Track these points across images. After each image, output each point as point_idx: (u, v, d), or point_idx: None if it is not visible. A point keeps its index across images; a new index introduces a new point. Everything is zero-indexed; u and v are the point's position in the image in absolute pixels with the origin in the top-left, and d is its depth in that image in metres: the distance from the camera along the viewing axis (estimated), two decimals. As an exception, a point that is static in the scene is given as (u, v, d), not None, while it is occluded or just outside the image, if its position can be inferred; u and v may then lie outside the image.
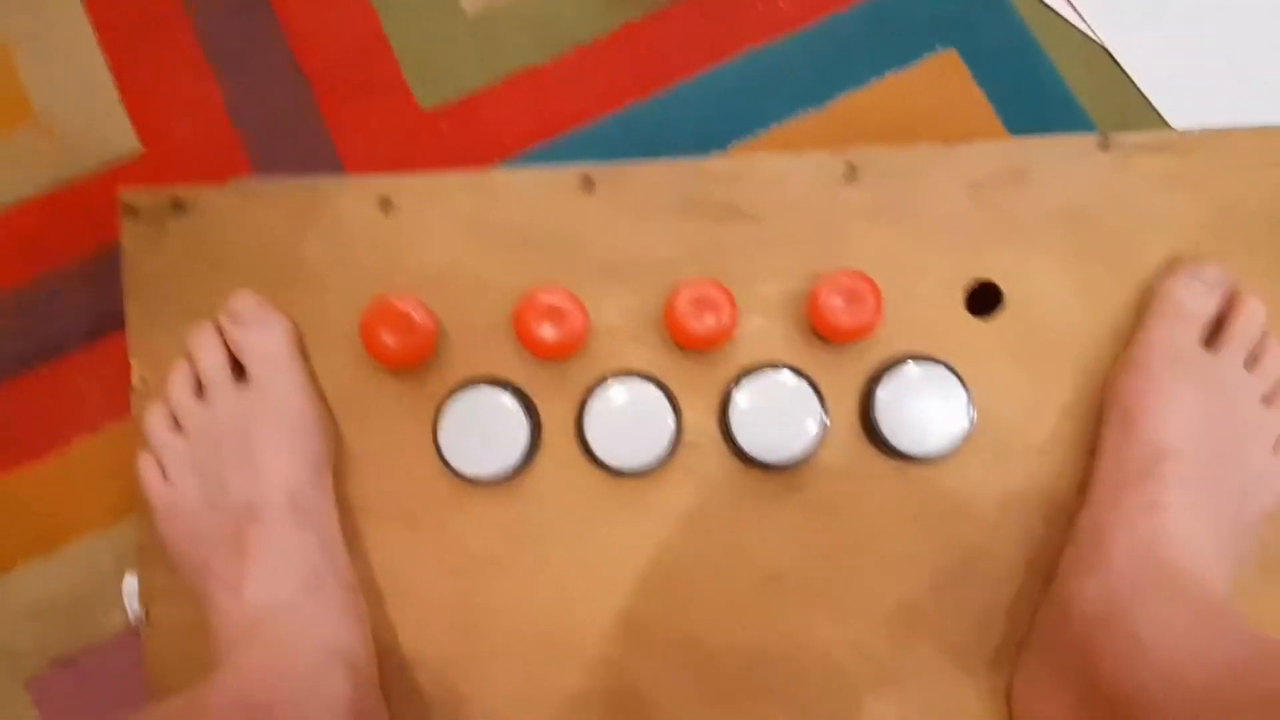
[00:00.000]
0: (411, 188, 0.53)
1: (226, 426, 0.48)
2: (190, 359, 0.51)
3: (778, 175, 0.53)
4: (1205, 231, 0.52)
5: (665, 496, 0.52)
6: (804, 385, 0.51)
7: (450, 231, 0.53)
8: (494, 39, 0.64)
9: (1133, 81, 0.63)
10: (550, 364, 0.52)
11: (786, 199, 0.53)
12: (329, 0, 0.65)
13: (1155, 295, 0.51)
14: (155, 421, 0.50)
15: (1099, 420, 0.51)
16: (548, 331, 0.50)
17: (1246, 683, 0.38)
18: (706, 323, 0.50)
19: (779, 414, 0.51)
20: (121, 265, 0.53)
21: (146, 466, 0.50)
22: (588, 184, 0.53)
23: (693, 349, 0.52)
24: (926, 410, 0.51)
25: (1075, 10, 0.64)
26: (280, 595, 0.45)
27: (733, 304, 0.50)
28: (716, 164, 0.53)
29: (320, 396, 0.52)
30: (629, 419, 0.51)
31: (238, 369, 0.51)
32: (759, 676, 0.52)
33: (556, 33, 0.64)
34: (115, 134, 0.62)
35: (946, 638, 0.52)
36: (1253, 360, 0.50)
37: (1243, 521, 0.48)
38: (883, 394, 0.51)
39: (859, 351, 0.52)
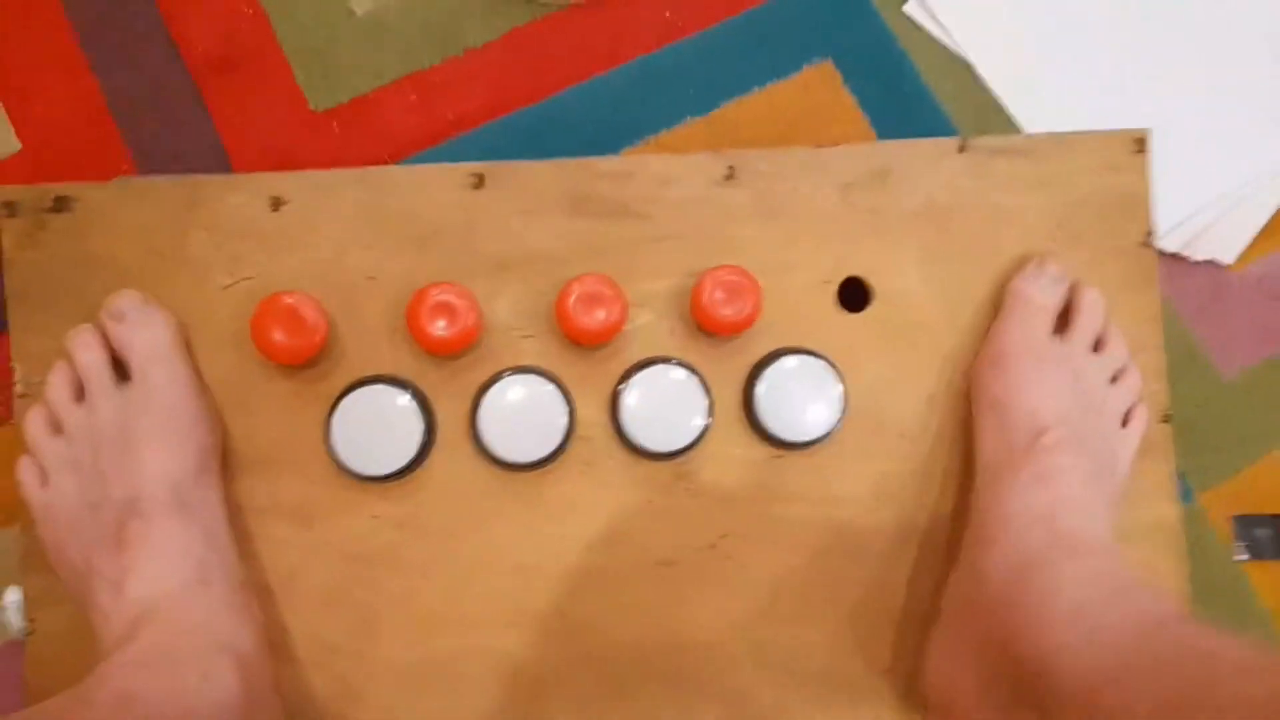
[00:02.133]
0: (301, 185, 0.53)
1: (107, 425, 0.48)
2: (69, 359, 0.50)
3: (663, 175, 0.55)
4: (1054, 228, 0.56)
5: (559, 489, 0.54)
6: (690, 378, 0.54)
7: (341, 228, 0.53)
8: (384, 41, 0.65)
9: (990, 90, 0.67)
10: (444, 360, 0.53)
11: (672, 198, 0.55)
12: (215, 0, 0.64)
13: (1007, 292, 0.55)
14: (34, 424, 0.49)
15: (968, 410, 0.55)
16: (440, 328, 0.51)
17: (1161, 644, 0.40)
18: (597, 318, 0.52)
19: (666, 406, 0.53)
20: (2, 265, 0.52)
21: (25, 471, 0.49)
22: (478, 181, 0.54)
23: (584, 344, 0.54)
24: (803, 400, 0.54)
25: (940, 25, 0.68)
26: (164, 589, 0.45)
27: (622, 300, 0.53)
28: (605, 163, 0.55)
29: (206, 392, 0.52)
30: (522, 413, 0.52)
31: (120, 367, 0.50)
32: (654, 662, 0.54)
33: (446, 36, 0.65)
34: (-12, 131, 0.61)
35: (832, 617, 0.54)
36: (1098, 345, 0.54)
37: (1110, 491, 0.52)
38: (762, 385, 0.54)
39: (741, 344, 0.55)
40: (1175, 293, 0.66)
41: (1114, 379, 0.55)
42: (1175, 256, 0.66)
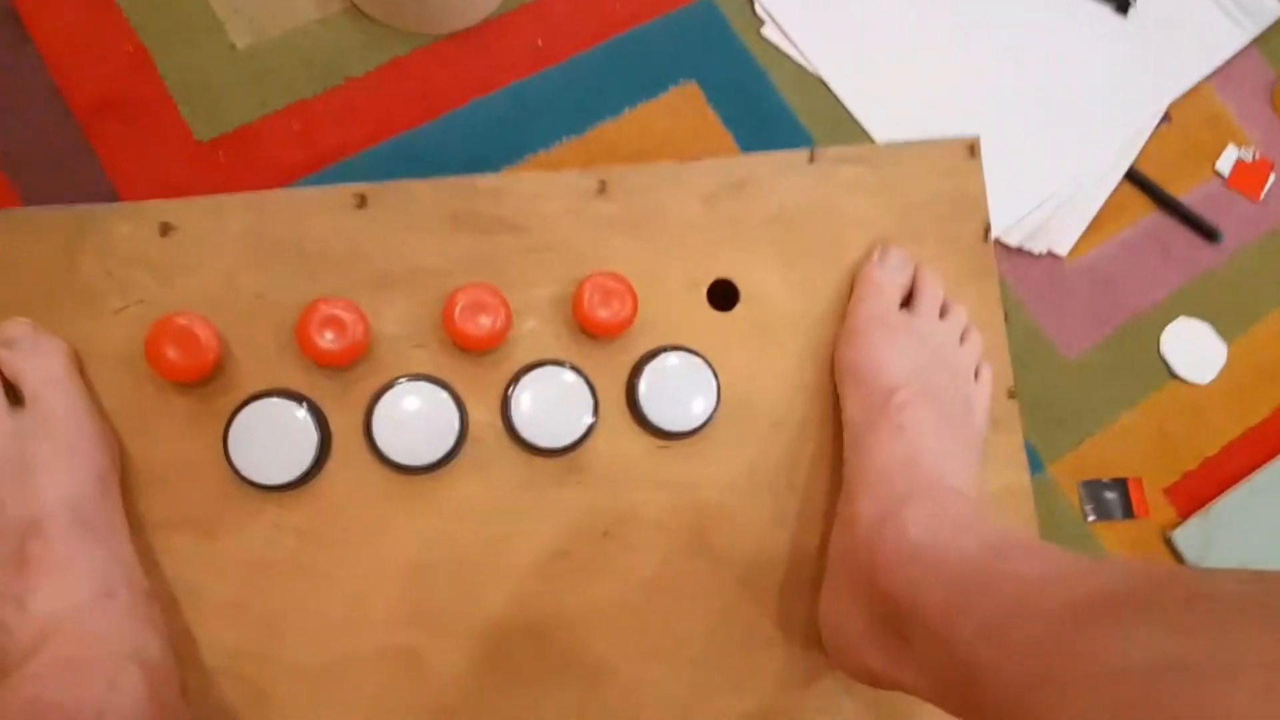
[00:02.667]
0: (188, 211, 0.55)
1: (2, 450, 0.49)
2: None
3: (539, 191, 0.59)
4: (893, 226, 0.62)
5: (454, 490, 0.56)
6: (576, 377, 0.57)
7: (230, 252, 0.55)
8: (266, 72, 0.67)
9: (843, 104, 0.73)
10: (336, 373, 0.56)
11: (548, 212, 0.59)
12: (93, 36, 0.66)
13: (857, 279, 0.60)
14: None
15: (831, 395, 0.60)
16: (329, 340, 0.53)
17: (990, 568, 0.45)
18: (482, 325, 0.55)
19: (555, 405, 0.57)
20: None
21: None
22: (361, 201, 0.57)
23: (473, 350, 0.57)
24: (682, 393, 0.58)
25: (795, 46, 0.74)
26: (69, 603, 0.46)
27: (506, 307, 0.56)
28: (483, 181, 0.59)
29: (101, 414, 0.53)
30: (415, 418, 0.55)
31: (12, 393, 0.51)
32: (553, 651, 0.56)
33: (327, 66, 0.68)
34: None
35: (718, 595, 0.58)
36: (942, 313, 0.60)
37: (968, 437, 0.58)
38: (643, 381, 0.58)
39: (622, 345, 0.59)
40: (1019, 283, 0.72)
41: (960, 340, 0.60)
42: (1018, 250, 0.73)
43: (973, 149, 0.64)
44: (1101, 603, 0.36)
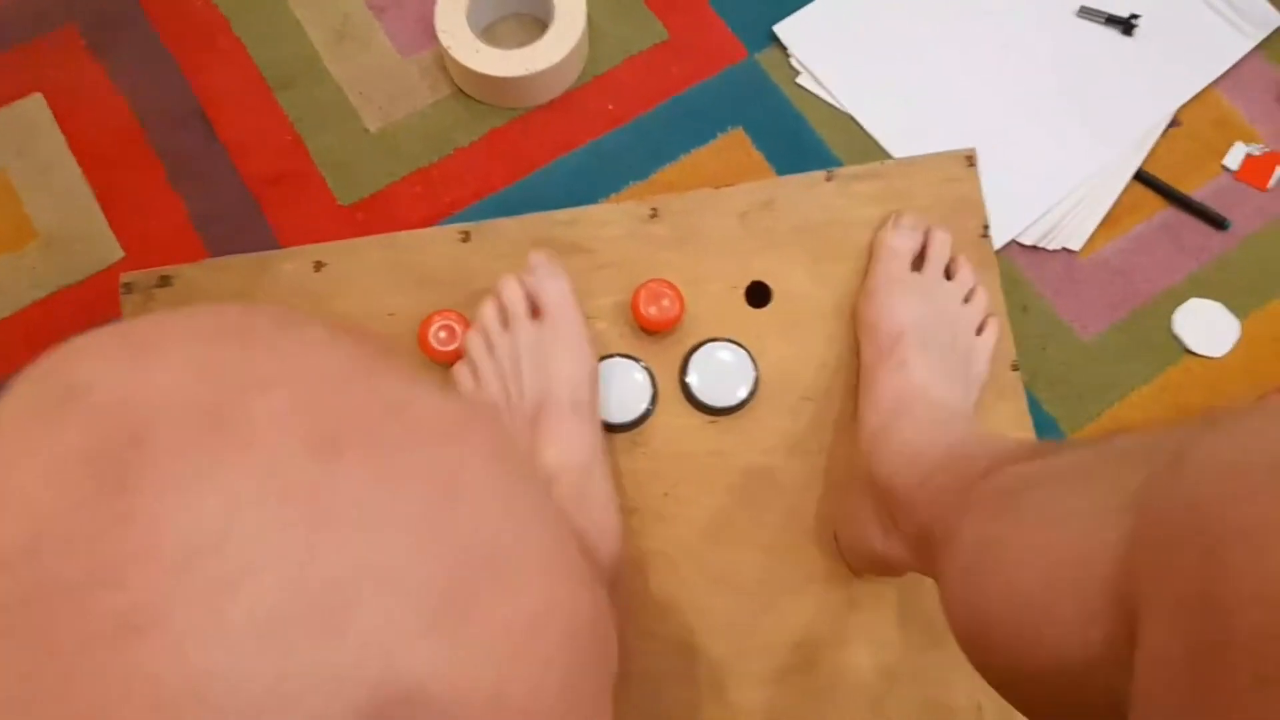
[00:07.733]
0: (335, 251, 0.72)
1: (525, 347, 0.65)
2: (497, 297, 0.67)
3: (603, 219, 0.73)
4: (900, 229, 0.73)
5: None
6: (638, 367, 0.71)
7: (366, 280, 0.72)
8: (393, 148, 0.84)
9: (870, 135, 0.85)
10: (445, 367, 0.71)
11: (610, 236, 0.73)
12: (262, 129, 0.85)
13: (874, 244, 0.71)
14: (474, 341, 0.67)
15: (852, 373, 0.71)
16: (442, 342, 0.68)
17: (949, 454, 0.55)
18: (559, 326, 0.69)
19: (621, 390, 0.70)
20: (122, 329, 0.71)
21: (461, 372, 0.66)
22: (465, 236, 0.72)
23: (552, 348, 0.71)
24: (726, 376, 0.70)
25: (826, 90, 0.86)
26: (567, 464, 0.61)
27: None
28: (559, 215, 0.74)
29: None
30: (510, 403, 0.69)
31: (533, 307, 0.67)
32: (628, 588, 0.69)
33: (441, 140, 0.85)
34: (101, 245, 0.80)
35: (761, 538, 0.69)
36: (949, 274, 0.70)
37: (967, 381, 0.67)
38: (694, 368, 0.71)
39: (675, 339, 0.72)
40: (1037, 277, 0.82)
41: (965, 299, 0.70)
42: (1035, 248, 0.82)
43: (970, 159, 0.75)
44: (995, 469, 0.47)
